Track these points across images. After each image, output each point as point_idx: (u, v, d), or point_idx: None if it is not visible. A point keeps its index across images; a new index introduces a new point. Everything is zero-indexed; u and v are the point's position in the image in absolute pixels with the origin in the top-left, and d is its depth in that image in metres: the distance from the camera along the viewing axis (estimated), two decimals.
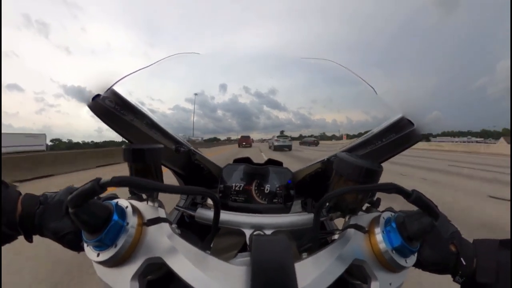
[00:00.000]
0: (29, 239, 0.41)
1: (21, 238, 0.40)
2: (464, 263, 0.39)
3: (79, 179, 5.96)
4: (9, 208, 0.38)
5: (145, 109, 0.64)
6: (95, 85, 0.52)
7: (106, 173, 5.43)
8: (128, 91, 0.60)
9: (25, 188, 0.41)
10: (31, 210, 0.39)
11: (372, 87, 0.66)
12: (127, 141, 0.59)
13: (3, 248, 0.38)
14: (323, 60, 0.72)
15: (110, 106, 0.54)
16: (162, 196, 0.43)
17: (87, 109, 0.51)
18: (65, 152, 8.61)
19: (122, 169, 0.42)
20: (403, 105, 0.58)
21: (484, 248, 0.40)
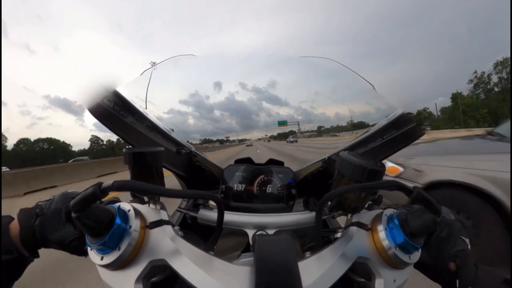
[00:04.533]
0: (35, 255, 0.40)
1: None
2: (458, 286, 0.38)
3: None
4: (2, 237, 0.36)
5: (145, 111, 0.64)
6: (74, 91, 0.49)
7: None
8: (127, 94, 0.60)
9: None
10: (29, 225, 0.38)
11: (371, 84, 0.66)
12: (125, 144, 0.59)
13: None
14: (324, 59, 0.72)
15: (109, 106, 0.54)
16: (163, 197, 0.43)
17: (75, 119, 0.50)
18: None
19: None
20: (404, 101, 0.58)
21: (485, 280, 0.38)
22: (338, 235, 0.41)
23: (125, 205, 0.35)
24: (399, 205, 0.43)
